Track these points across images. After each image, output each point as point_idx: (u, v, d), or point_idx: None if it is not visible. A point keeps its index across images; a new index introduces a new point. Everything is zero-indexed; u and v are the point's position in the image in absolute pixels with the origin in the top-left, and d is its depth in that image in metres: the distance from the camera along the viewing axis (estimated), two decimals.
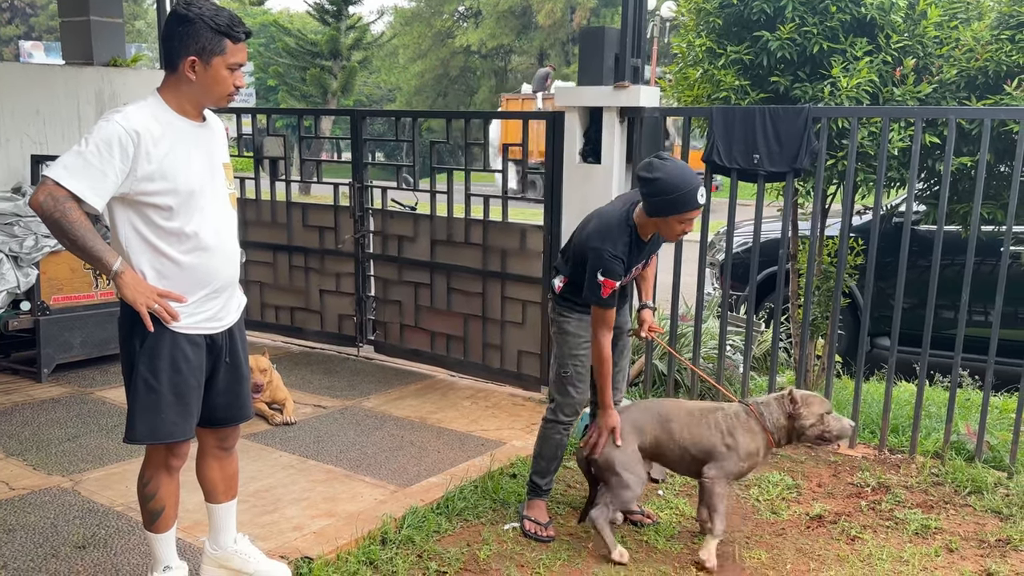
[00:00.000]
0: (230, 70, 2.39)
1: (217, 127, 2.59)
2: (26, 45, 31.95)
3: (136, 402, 2.45)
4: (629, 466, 3.12)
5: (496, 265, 5.30)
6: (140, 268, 2.38)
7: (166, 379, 2.43)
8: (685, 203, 2.90)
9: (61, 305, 5.15)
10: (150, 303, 2.32)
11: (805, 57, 4.49)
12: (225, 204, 2.52)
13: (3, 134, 5.68)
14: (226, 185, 2.53)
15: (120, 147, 2.26)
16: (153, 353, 2.42)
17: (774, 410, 3.15)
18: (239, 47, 2.40)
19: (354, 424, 4.57)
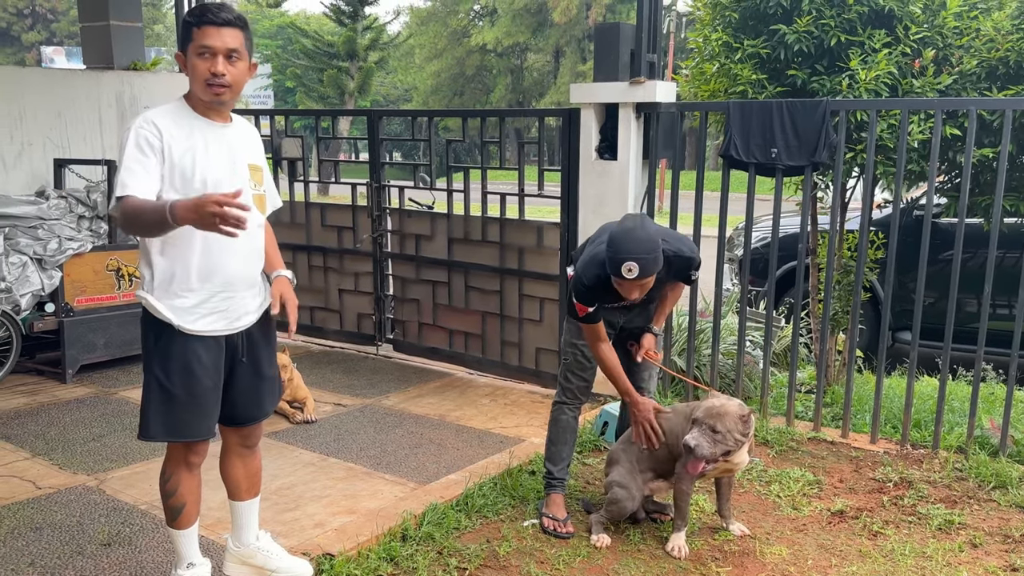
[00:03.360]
0: (199, 56, 2.36)
1: (247, 130, 2.62)
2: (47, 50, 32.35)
3: (149, 400, 2.48)
4: (620, 483, 3.25)
5: (513, 263, 5.31)
6: (154, 255, 2.43)
7: (178, 380, 2.45)
8: (612, 267, 2.89)
9: (84, 307, 5.22)
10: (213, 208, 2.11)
11: (822, 50, 4.45)
12: (247, 203, 2.51)
13: (26, 138, 5.76)
14: (251, 186, 2.54)
15: (148, 144, 2.33)
16: (165, 354, 2.45)
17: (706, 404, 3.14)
18: (203, 31, 2.36)
19: (374, 422, 4.59)
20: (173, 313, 2.43)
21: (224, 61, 2.37)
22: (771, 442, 4.25)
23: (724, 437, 2.98)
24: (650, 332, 3.39)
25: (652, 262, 2.89)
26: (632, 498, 3.23)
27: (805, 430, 4.43)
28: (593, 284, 3.07)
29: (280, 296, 2.66)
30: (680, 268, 3.20)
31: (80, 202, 5.44)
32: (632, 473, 3.28)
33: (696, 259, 3.25)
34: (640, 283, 2.94)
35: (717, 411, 3.01)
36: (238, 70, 2.42)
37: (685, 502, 3.17)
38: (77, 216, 5.38)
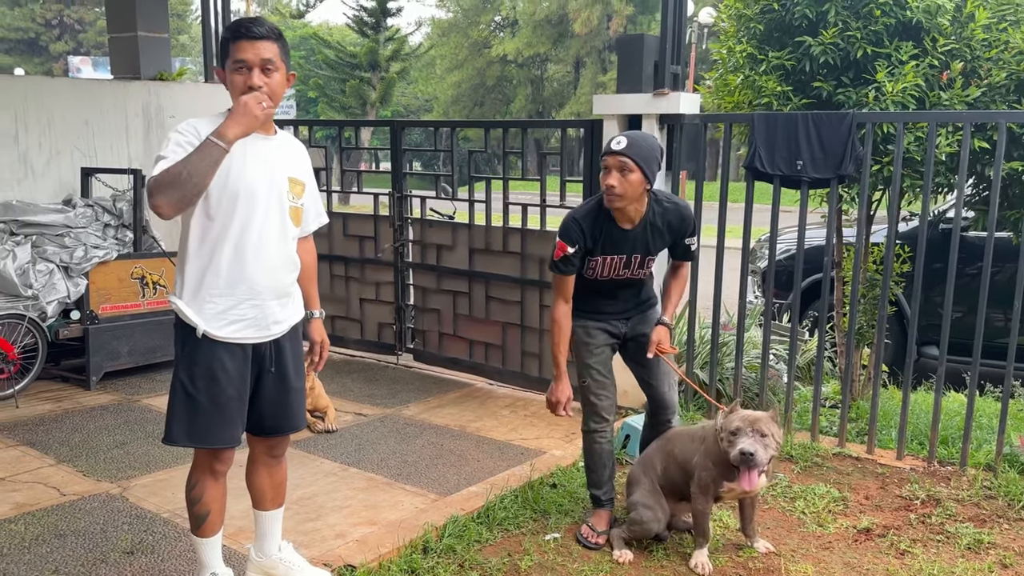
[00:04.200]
0: (236, 71, 2.39)
1: (290, 144, 2.64)
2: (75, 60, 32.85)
3: (174, 405, 2.50)
4: (645, 504, 3.23)
5: (534, 273, 5.30)
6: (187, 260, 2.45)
7: (203, 387, 2.46)
8: (603, 149, 3.09)
9: (109, 314, 5.27)
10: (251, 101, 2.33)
11: (848, 62, 4.42)
12: (281, 215, 2.53)
13: (54, 147, 5.84)
14: (288, 198, 2.55)
15: (188, 143, 2.34)
16: (191, 360, 2.47)
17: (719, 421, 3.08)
18: (238, 45, 2.39)
19: (394, 432, 4.59)
20: (200, 318, 2.44)
21: (259, 73, 2.39)
22: (795, 457, 4.20)
23: (770, 440, 2.93)
24: (661, 323, 3.31)
25: (643, 147, 3.00)
26: (657, 520, 3.20)
27: (830, 445, 4.37)
28: (583, 215, 3.15)
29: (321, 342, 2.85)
30: (675, 223, 3.19)
31: (106, 210, 5.50)
32: (655, 493, 3.25)
33: (692, 218, 3.27)
34: (624, 161, 2.98)
35: (755, 416, 2.97)
36: (275, 81, 2.43)
37: (703, 520, 3.13)
38: (103, 224, 5.44)
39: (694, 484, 3.11)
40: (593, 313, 3.30)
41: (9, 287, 4.93)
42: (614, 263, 3.20)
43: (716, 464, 3.04)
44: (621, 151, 3.01)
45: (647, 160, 3.03)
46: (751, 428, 2.92)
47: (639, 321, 3.36)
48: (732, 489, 3.05)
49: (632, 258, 3.20)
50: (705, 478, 3.07)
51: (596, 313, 3.30)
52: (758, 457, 2.87)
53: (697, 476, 3.10)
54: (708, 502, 3.11)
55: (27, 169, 5.71)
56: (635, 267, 3.23)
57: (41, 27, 38.42)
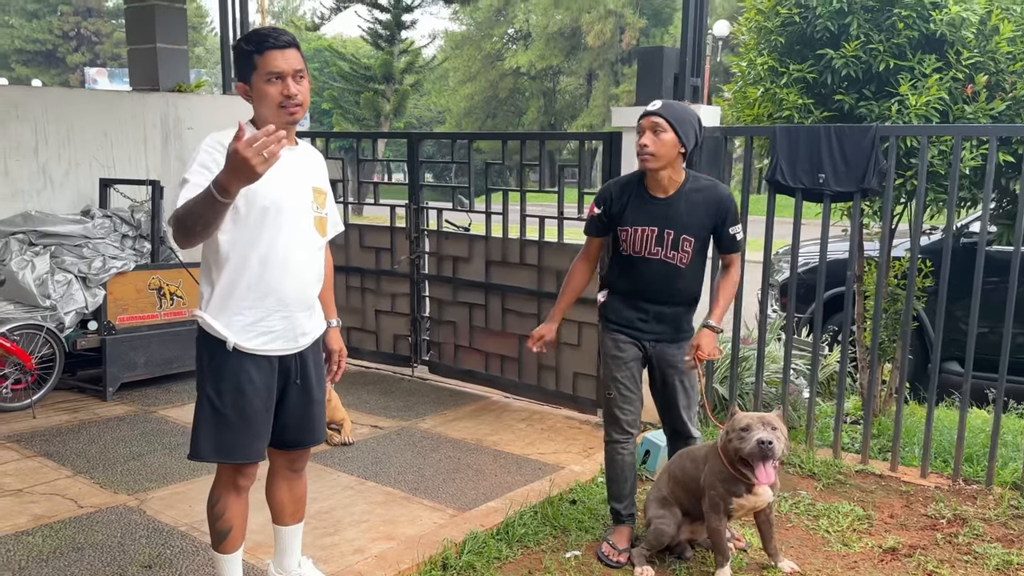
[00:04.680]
0: (268, 82, 2.35)
1: (312, 155, 2.63)
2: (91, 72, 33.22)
3: (200, 419, 2.48)
4: (657, 515, 3.22)
5: (551, 286, 5.27)
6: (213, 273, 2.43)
7: (230, 400, 2.44)
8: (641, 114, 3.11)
9: (126, 325, 5.27)
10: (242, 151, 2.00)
11: (870, 75, 4.38)
12: (307, 226, 2.51)
13: (73, 158, 5.86)
14: (313, 208, 2.54)
15: (213, 161, 2.31)
16: (218, 373, 2.44)
17: (721, 434, 3.06)
18: (267, 56, 2.34)
19: (411, 445, 4.56)
20: (229, 331, 2.42)
21: (293, 82, 2.38)
22: (818, 474, 4.14)
23: (780, 435, 2.92)
24: (706, 326, 3.18)
25: (676, 109, 3.05)
26: (670, 524, 3.17)
27: (852, 462, 4.31)
28: (616, 180, 3.27)
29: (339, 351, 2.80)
30: (713, 202, 3.14)
31: (124, 221, 5.51)
32: (667, 504, 3.23)
33: (732, 201, 3.21)
34: (655, 122, 3.00)
35: (763, 414, 2.99)
36: (305, 88, 2.43)
37: (720, 538, 3.08)
38: (121, 235, 5.45)
39: (705, 504, 3.08)
40: (624, 325, 3.23)
41: (28, 297, 4.94)
42: (646, 236, 3.13)
43: (723, 480, 3.01)
44: (655, 111, 3.04)
45: (681, 121, 3.03)
46: (761, 423, 2.91)
47: (669, 352, 3.24)
48: (742, 505, 3.03)
49: (665, 234, 3.11)
50: (714, 496, 3.04)
51: (626, 325, 3.24)
52: (775, 446, 2.85)
53: (707, 495, 3.06)
54: (721, 520, 3.07)
55: (46, 180, 5.74)
56: (668, 246, 3.12)
57: (59, 39, 38.88)
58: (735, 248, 3.27)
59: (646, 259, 3.16)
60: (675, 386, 3.28)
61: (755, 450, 2.87)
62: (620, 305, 3.25)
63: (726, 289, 3.28)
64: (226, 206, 2.13)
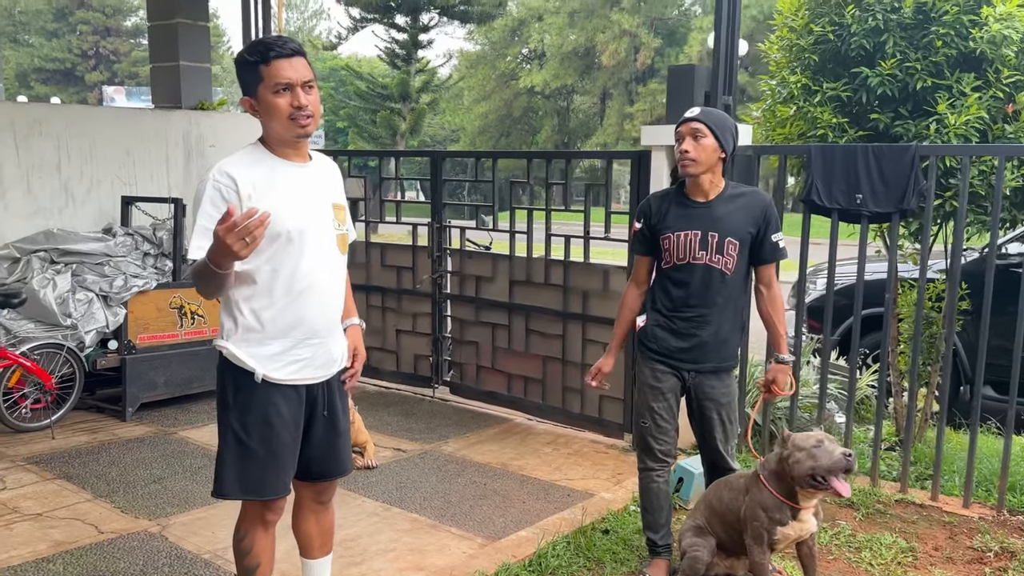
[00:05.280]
0: (275, 93, 2.23)
1: (326, 167, 2.50)
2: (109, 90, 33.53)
3: (226, 455, 2.37)
4: (691, 543, 3.12)
5: (577, 306, 5.18)
6: (236, 304, 2.33)
7: (257, 434, 2.34)
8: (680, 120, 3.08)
9: (147, 344, 5.21)
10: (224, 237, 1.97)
11: (907, 93, 4.29)
12: (330, 246, 2.42)
13: (95, 176, 5.84)
14: (334, 226, 2.44)
15: (223, 199, 2.22)
16: (245, 407, 2.34)
17: (771, 459, 2.93)
18: (274, 65, 2.22)
19: (435, 469, 4.46)
20: (256, 361, 2.33)
21: (303, 92, 2.26)
22: (856, 504, 4.01)
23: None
24: (779, 362, 3.10)
25: (716, 115, 3.05)
26: (703, 552, 3.06)
27: (891, 491, 4.18)
28: (655, 193, 3.25)
29: (354, 350, 2.61)
30: (755, 207, 3.07)
31: (146, 239, 5.47)
32: (703, 535, 3.12)
33: (773, 206, 3.15)
34: (696, 127, 2.97)
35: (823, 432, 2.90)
36: (316, 98, 2.32)
37: (764, 572, 2.96)
38: (142, 253, 5.40)
39: (747, 536, 2.96)
40: (663, 354, 3.12)
41: (49, 316, 4.89)
42: (689, 240, 3.03)
43: (767, 509, 2.89)
44: (695, 117, 3.02)
45: (720, 127, 3.01)
46: (827, 439, 2.83)
47: (708, 385, 3.12)
48: (787, 535, 2.91)
49: (708, 236, 3.02)
50: (757, 527, 2.92)
51: (666, 355, 3.12)
52: (854, 457, 2.79)
53: (748, 527, 2.94)
54: (764, 552, 2.95)
55: (68, 197, 5.71)
56: (713, 250, 3.02)
57: (77, 57, 39.33)
58: (776, 256, 3.15)
59: (689, 266, 3.05)
60: (713, 419, 3.15)
61: (840, 461, 2.76)
62: (660, 331, 3.14)
63: (778, 312, 3.17)
64: (227, 275, 2.12)
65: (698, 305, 3.07)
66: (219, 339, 2.38)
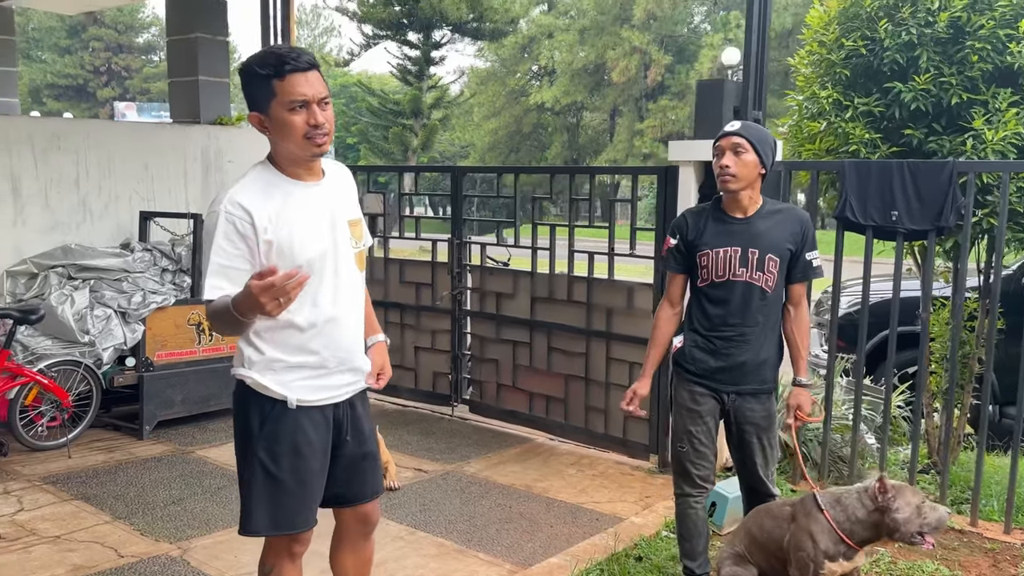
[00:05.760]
0: (291, 110, 2.09)
1: (340, 180, 2.36)
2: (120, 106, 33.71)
3: (253, 489, 2.25)
4: (731, 572, 3.02)
5: (601, 324, 5.09)
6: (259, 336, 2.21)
7: (287, 465, 2.23)
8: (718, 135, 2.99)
9: (164, 361, 5.13)
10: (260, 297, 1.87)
11: (941, 109, 4.21)
12: (349, 266, 2.31)
13: (113, 191, 5.79)
14: (352, 243, 2.32)
15: (237, 233, 2.10)
16: (274, 437, 2.23)
17: (851, 503, 2.80)
18: (289, 80, 2.07)
19: (458, 491, 4.36)
20: (284, 388, 2.22)
21: (319, 109, 2.12)
22: None
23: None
24: (798, 385, 3.04)
25: (757, 130, 2.95)
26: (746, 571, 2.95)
27: None
28: (691, 209, 3.15)
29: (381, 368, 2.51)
30: (793, 223, 2.98)
31: (164, 255, 5.41)
32: (744, 563, 3.01)
33: (811, 224, 3.06)
34: (736, 142, 2.89)
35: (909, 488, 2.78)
36: (331, 115, 2.18)
37: None
38: (161, 269, 5.34)
39: (792, 568, 2.85)
40: (702, 376, 3.03)
41: (66, 333, 4.82)
42: (728, 256, 2.94)
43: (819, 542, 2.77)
44: (735, 131, 2.94)
45: (762, 142, 2.93)
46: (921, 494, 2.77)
47: (748, 407, 3.02)
48: (834, 571, 2.79)
49: (749, 253, 2.93)
50: (803, 558, 2.80)
51: (704, 376, 3.03)
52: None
53: (793, 557, 2.83)
54: None
55: (86, 212, 5.66)
56: (753, 267, 2.93)
57: (89, 74, 39.61)
58: (809, 275, 3.07)
59: (729, 283, 2.96)
60: (753, 444, 3.04)
61: (944, 521, 2.71)
62: (698, 352, 3.04)
63: (803, 334, 3.08)
64: (250, 323, 2.04)
65: (738, 324, 2.98)
66: (239, 368, 2.26)
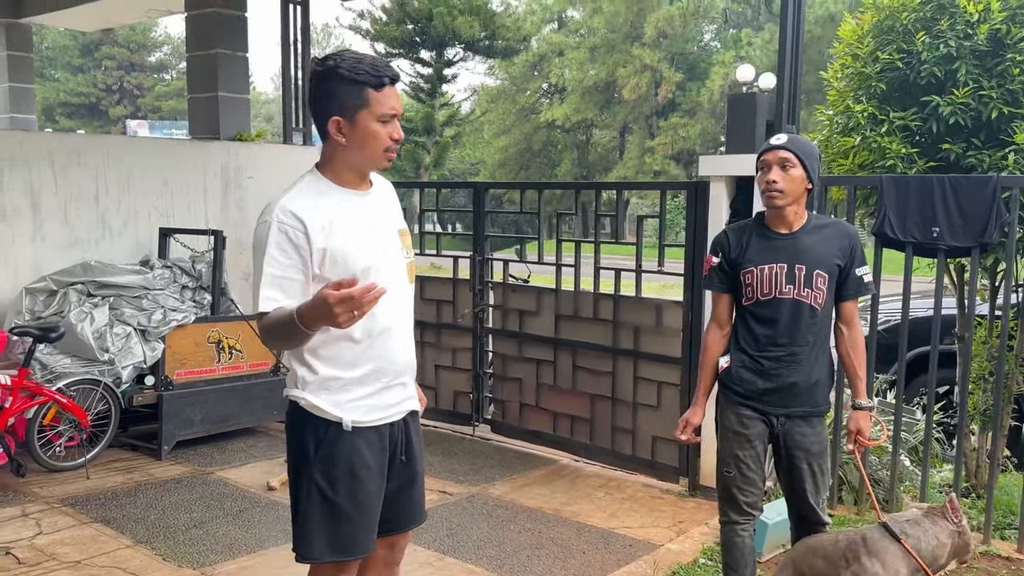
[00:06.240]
0: (380, 122, 2.09)
1: (386, 190, 2.33)
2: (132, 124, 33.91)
3: (310, 514, 2.17)
4: None
5: (628, 342, 4.98)
6: (313, 353, 2.14)
7: (344, 488, 2.15)
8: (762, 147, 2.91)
9: (184, 380, 5.05)
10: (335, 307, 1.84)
11: (980, 123, 4.12)
12: (402, 277, 2.25)
13: (132, 207, 5.73)
14: (403, 254, 2.27)
15: (290, 243, 2.06)
16: (330, 459, 2.15)
17: (926, 528, 2.67)
18: (384, 93, 2.08)
19: (485, 515, 4.24)
20: (340, 409, 2.15)
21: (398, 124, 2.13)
22: None
23: None
24: (857, 408, 2.91)
25: (804, 143, 2.87)
26: None
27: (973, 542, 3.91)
28: (732, 226, 3.06)
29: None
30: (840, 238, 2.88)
31: (184, 272, 5.33)
32: None
33: (858, 238, 2.94)
34: (784, 156, 2.80)
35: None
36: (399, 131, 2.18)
37: None
38: (180, 286, 5.27)
39: None
40: (750, 397, 2.91)
41: (86, 351, 4.74)
42: (774, 274, 2.84)
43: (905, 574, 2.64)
44: (782, 145, 2.84)
45: (809, 156, 2.84)
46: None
47: (798, 432, 2.89)
48: None
49: (796, 269, 2.83)
50: None
51: (752, 397, 2.91)
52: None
53: None
54: None
55: (105, 229, 5.60)
56: (801, 283, 2.82)
57: (102, 92, 39.87)
58: (861, 292, 2.93)
59: (776, 301, 2.85)
60: (803, 470, 2.91)
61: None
62: (746, 373, 2.92)
63: (859, 354, 2.95)
64: (311, 336, 1.98)
65: (788, 343, 2.86)
66: (292, 389, 2.20)
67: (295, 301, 2.02)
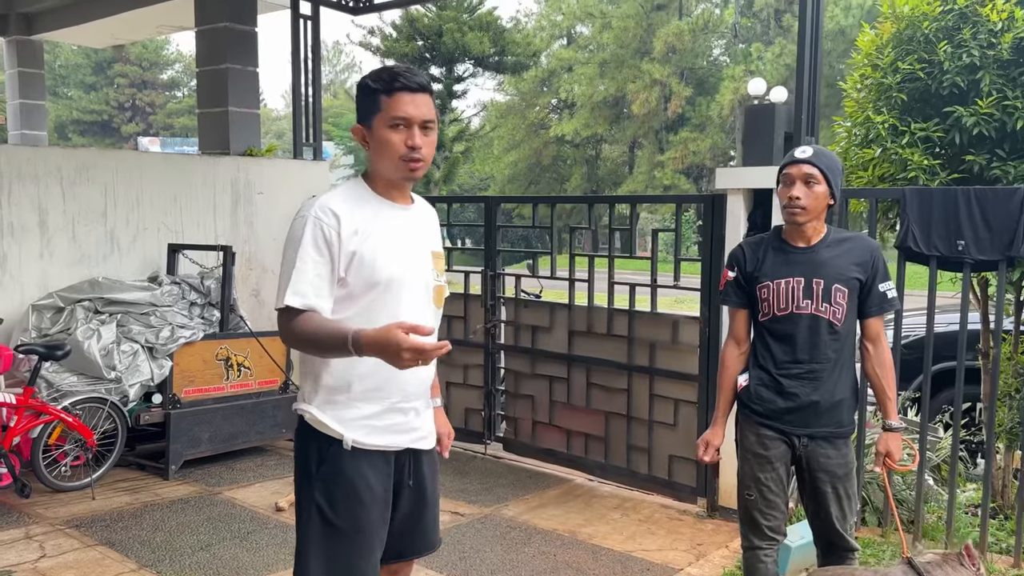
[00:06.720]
0: (392, 128, 2.05)
1: (427, 212, 2.28)
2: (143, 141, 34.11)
3: (309, 536, 2.10)
4: None
5: (643, 359, 4.88)
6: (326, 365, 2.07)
7: (345, 510, 2.07)
8: (786, 158, 2.82)
9: (192, 398, 4.97)
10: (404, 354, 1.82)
11: (1004, 133, 4.02)
12: (426, 300, 2.18)
13: (141, 223, 5.68)
14: (433, 276, 2.20)
15: (326, 241, 2.02)
16: (332, 479, 2.07)
17: (948, 572, 2.53)
18: (397, 98, 2.04)
19: (498, 537, 4.13)
20: (342, 426, 2.07)
21: (420, 132, 2.06)
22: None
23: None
24: (888, 429, 2.80)
25: (829, 157, 2.78)
26: None
27: (1003, 566, 3.79)
28: (748, 240, 2.98)
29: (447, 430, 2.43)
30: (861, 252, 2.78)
31: (193, 288, 5.27)
32: None
33: (880, 252, 2.84)
34: (809, 172, 2.71)
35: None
36: (433, 140, 2.11)
37: None
38: (189, 303, 5.20)
39: None
40: (770, 417, 2.80)
41: (92, 368, 4.67)
42: (791, 288, 2.75)
43: None
44: (807, 159, 2.74)
45: (833, 171, 2.76)
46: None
47: (823, 454, 2.78)
48: None
49: (813, 284, 2.73)
50: None
51: (773, 417, 2.80)
52: None
53: None
54: None
55: (113, 245, 5.54)
56: (819, 298, 2.73)
57: (114, 109, 40.17)
58: (885, 308, 2.81)
59: (793, 316, 2.75)
60: (827, 494, 2.80)
61: None
62: (765, 391, 2.82)
63: (887, 373, 2.83)
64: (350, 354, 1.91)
65: (807, 360, 2.76)
66: (300, 403, 2.13)
67: (323, 301, 2.01)
